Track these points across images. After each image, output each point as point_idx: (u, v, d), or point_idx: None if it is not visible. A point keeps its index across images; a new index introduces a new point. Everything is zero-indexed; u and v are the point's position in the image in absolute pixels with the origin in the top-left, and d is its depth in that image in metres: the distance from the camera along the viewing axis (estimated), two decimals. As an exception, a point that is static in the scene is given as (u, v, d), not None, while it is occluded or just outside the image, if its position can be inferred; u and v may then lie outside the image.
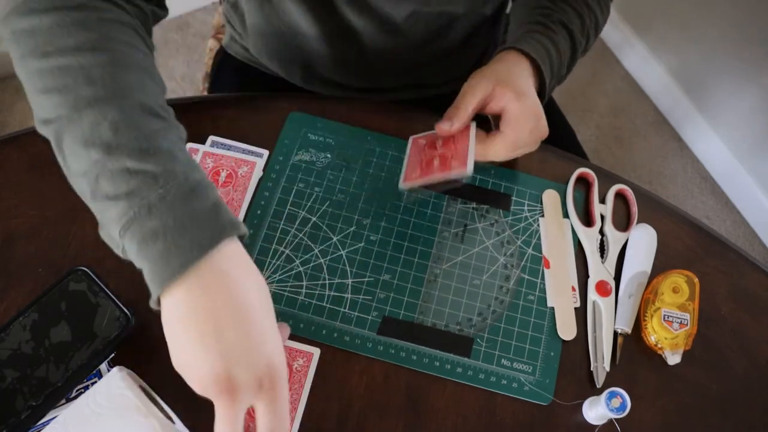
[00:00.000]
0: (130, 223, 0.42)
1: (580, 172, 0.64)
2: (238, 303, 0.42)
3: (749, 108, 1.45)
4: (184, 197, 0.42)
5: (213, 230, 0.42)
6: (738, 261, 0.62)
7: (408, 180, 0.59)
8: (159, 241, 0.41)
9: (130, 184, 0.42)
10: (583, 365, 0.56)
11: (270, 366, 0.42)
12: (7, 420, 0.48)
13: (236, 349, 0.41)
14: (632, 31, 1.72)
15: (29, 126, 0.63)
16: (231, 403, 0.41)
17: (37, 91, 0.46)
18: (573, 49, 0.66)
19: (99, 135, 0.43)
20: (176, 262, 0.41)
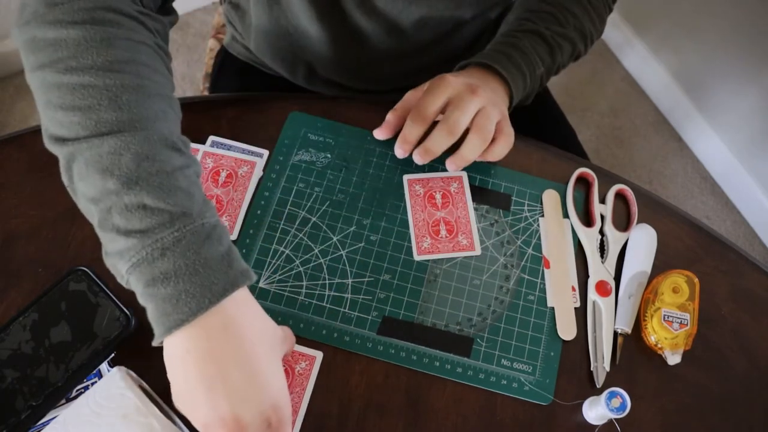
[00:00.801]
0: (141, 263, 0.41)
1: (580, 172, 0.64)
2: (244, 347, 0.42)
3: (749, 108, 1.45)
4: (199, 242, 0.42)
5: (225, 280, 0.42)
6: (738, 261, 0.62)
7: (422, 252, 0.59)
8: (169, 285, 0.41)
9: (145, 222, 0.41)
10: (583, 365, 0.56)
11: (275, 407, 0.43)
12: (7, 420, 0.48)
13: (241, 391, 0.41)
14: (632, 31, 1.72)
15: (29, 126, 0.63)
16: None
17: (54, 106, 0.44)
18: (550, 50, 0.66)
19: (119, 165, 0.42)
20: (186, 309, 0.41)
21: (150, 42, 0.49)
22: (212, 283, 0.41)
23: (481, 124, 0.58)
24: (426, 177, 0.63)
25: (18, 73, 1.55)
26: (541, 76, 0.66)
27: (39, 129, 0.62)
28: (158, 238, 0.41)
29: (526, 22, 0.67)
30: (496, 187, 0.63)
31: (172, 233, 0.41)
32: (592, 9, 0.70)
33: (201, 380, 0.41)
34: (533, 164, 0.65)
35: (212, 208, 0.45)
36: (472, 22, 0.72)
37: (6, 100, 1.53)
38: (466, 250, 0.60)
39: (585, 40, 0.70)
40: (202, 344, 0.41)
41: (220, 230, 0.44)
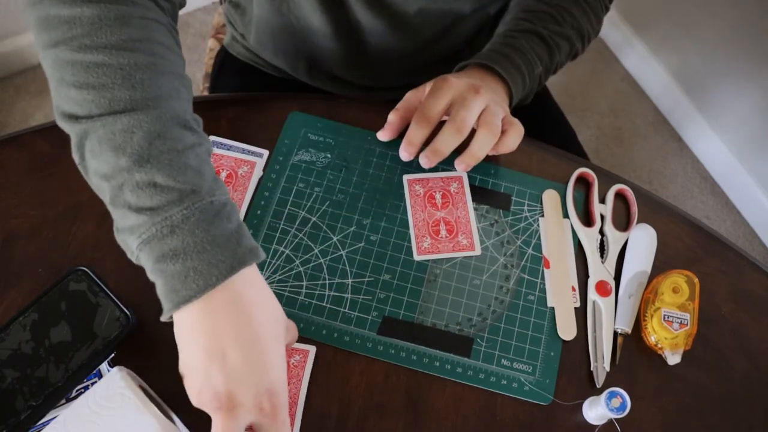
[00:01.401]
0: (151, 239, 0.42)
1: (580, 172, 0.64)
2: (248, 327, 0.43)
3: (749, 108, 1.45)
4: (208, 220, 0.43)
5: (233, 258, 0.43)
6: (738, 261, 0.62)
7: (422, 252, 0.59)
8: (178, 262, 0.42)
9: (155, 200, 0.42)
10: (583, 365, 0.56)
11: (271, 392, 0.43)
12: (7, 420, 0.48)
13: (239, 369, 0.42)
14: (632, 31, 1.72)
15: (29, 126, 0.63)
16: (228, 419, 0.42)
17: (68, 84, 0.44)
18: (549, 50, 0.66)
19: (131, 143, 0.42)
20: (193, 286, 0.42)
21: (163, 21, 0.49)
22: (220, 260, 0.42)
23: (489, 120, 0.58)
24: (426, 177, 0.63)
25: (18, 73, 1.55)
26: (540, 76, 0.66)
27: (39, 129, 0.63)
28: (167, 216, 0.42)
29: (524, 22, 0.67)
30: (496, 187, 0.63)
31: (181, 211, 0.42)
32: (589, 8, 0.70)
33: (202, 353, 0.42)
34: (533, 164, 0.65)
35: (222, 186, 0.45)
36: (471, 17, 0.72)
37: (6, 100, 1.53)
38: (466, 250, 0.60)
39: (582, 39, 0.70)
40: (208, 320, 0.42)
41: (230, 208, 0.45)
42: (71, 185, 0.60)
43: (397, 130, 0.62)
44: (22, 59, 1.54)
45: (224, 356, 0.42)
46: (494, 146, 0.60)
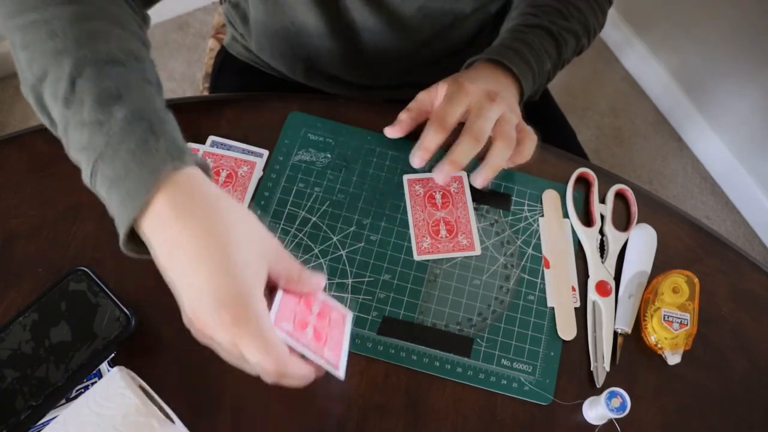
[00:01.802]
0: (94, 177, 0.43)
1: (580, 172, 0.64)
2: (192, 230, 0.40)
3: (749, 108, 1.45)
4: (121, 141, 0.42)
5: (147, 174, 0.41)
6: (738, 261, 0.62)
7: (422, 252, 0.58)
8: (113, 189, 0.42)
9: (85, 136, 0.43)
10: (583, 365, 0.56)
11: (227, 299, 0.39)
12: (7, 420, 0.48)
13: (189, 282, 0.40)
14: (632, 31, 1.72)
15: (29, 126, 0.63)
16: (211, 341, 0.42)
17: (17, 50, 0.46)
18: (557, 45, 0.66)
19: (60, 89, 0.43)
20: (131, 207, 0.41)
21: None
22: (141, 177, 0.41)
23: (504, 131, 0.57)
24: (426, 177, 0.63)
25: (18, 73, 1.56)
26: (549, 72, 0.66)
27: (39, 129, 0.63)
28: (95, 147, 0.42)
29: (532, 17, 0.67)
30: (496, 187, 0.63)
31: (104, 139, 0.42)
32: (594, 2, 0.70)
33: (170, 274, 0.42)
34: (533, 164, 0.65)
35: (149, 106, 0.44)
36: (472, 16, 0.72)
37: (6, 100, 1.53)
38: (466, 250, 0.60)
39: (588, 34, 0.70)
40: (155, 240, 0.41)
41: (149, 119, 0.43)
42: (71, 185, 0.60)
43: (408, 129, 0.62)
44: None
45: (173, 269, 0.41)
46: (511, 158, 0.59)
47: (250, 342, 0.40)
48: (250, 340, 0.40)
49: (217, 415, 0.52)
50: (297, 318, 0.46)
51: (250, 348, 0.40)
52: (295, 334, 0.44)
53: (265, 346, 0.40)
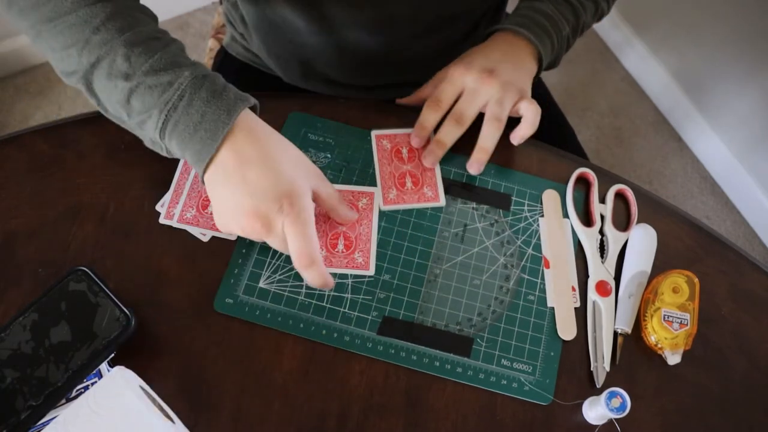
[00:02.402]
0: (165, 127, 0.51)
1: (579, 172, 0.64)
2: (261, 151, 0.51)
3: (749, 108, 1.45)
4: (194, 92, 0.51)
5: (225, 114, 0.51)
6: (738, 261, 0.62)
7: (387, 202, 0.61)
8: (188, 136, 0.51)
9: (153, 97, 0.51)
10: (583, 365, 0.56)
11: (287, 191, 0.50)
12: (7, 420, 0.48)
13: (258, 185, 0.50)
14: (632, 31, 1.72)
15: (29, 126, 0.63)
16: (269, 232, 0.51)
17: (56, 50, 0.52)
18: (574, 11, 0.67)
19: (117, 68, 0.51)
20: (207, 151, 0.50)
21: None
22: (217, 121, 0.50)
23: (494, 113, 0.60)
24: (393, 133, 0.65)
25: (18, 73, 1.56)
26: (568, 37, 0.68)
27: (39, 129, 0.63)
28: (166, 102, 0.51)
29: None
30: (496, 187, 0.63)
31: (175, 94, 0.51)
32: None
33: (228, 192, 0.51)
34: (533, 164, 0.65)
35: (200, 65, 0.53)
36: (466, 12, 0.72)
37: (6, 100, 1.53)
38: (431, 201, 0.61)
39: (609, 5, 0.71)
40: (227, 165, 0.51)
41: (210, 77, 0.52)
42: (71, 185, 0.60)
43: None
44: (22, 59, 1.54)
45: (244, 181, 0.50)
46: (517, 132, 0.62)
47: (295, 228, 0.50)
48: (296, 226, 0.50)
49: (217, 415, 0.52)
50: (396, 177, 0.62)
51: (295, 232, 0.50)
52: (401, 203, 0.61)
53: (305, 234, 0.50)
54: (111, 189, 0.60)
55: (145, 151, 0.63)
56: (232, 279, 0.57)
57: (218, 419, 0.52)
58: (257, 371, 0.54)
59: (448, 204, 0.62)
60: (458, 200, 0.62)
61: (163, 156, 0.55)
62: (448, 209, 0.62)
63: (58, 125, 0.63)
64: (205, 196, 0.60)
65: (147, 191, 0.60)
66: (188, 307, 0.55)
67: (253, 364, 0.54)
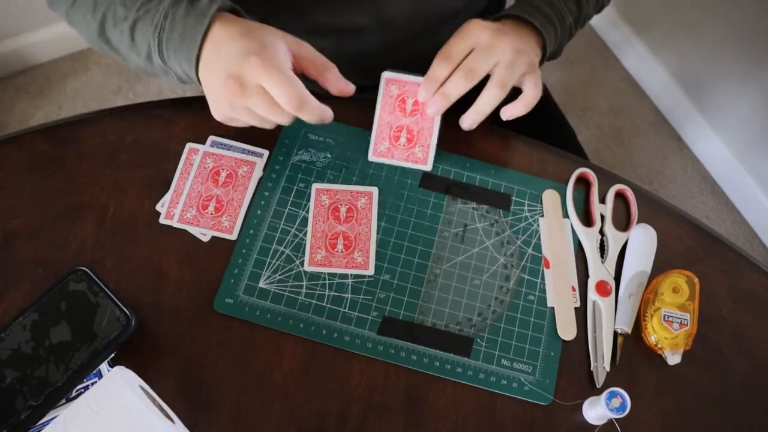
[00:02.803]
0: (161, 49, 0.56)
1: (580, 172, 0.64)
2: (232, 32, 0.54)
3: (749, 108, 1.45)
4: (175, 11, 0.55)
5: (201, 17, 0.54)
6: (738, 261, 0.62)
7: (376, 154, 0.62)
8: (178, 48, 0.55)
9: (146, 26, 0.56)
10: (583, 365, 0.56)
11: (253, 47, 0.52)
12: (7, 420, 0.48)
13: (229, 52, 0.53)
14: (632, 31, 1.72)
15: (29, 126, 0.64)
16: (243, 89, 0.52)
17: (80, 22, 0.61)
18: (577, 1, 0.67)
19: (118, 15, 0.57)
20: (192, 51, 0.54)
21: None
22: (194, 26, 0.54)
23: (501, 75, 0.58)
24: (405, 79, 0.63)
25: (18, 73, 1.56)
26: (570, 27, 0.67)
27: (39, 129, 0.63)
28: (156, 26, 0.56)
29: None
30: (496, 187, 0.63)
31: (161, 15, 0.56)
32: None
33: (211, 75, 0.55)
34: (533, 164, 0.65)
35: None
36: (464, 11, 0.72)
37: (6, 100, 1.53)
38: (418, 162, 0.62)
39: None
40: (211, 57, 0.55)
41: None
42: (71, 185, 0.60)
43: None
44: (22, 59, 1.54)
45: (219, 55, 0.53)
46: (509, 109, 0.61)
47: (272, 78, 0.51)
48: (273, 76, 0.51)
49: (217, 415, 0.52)
50: (393, 130, 0.62)
51: (274, 83, 0.51)
52: (389, 156, 0.61)
53: (286, 79, 0.51)
54: (111, 189, 0.60)
55: (145, 151, 0.63)
56: (232, 279, 0.57)
57: (218, 419, 0.52)
58: (257, 371, 0.54)
59: (448, 204, 0.62)
60: (458, 200, 0.62)
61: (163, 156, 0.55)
62: (448, 209, 0.62)
63: (58, 125, 0.63)
64: (205, 196, 0.60)
65: (147, 191, 0.60)
66: (188, 307, 0.55)
67: (253, 364, 0.54)
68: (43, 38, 1.53)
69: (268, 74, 0.51)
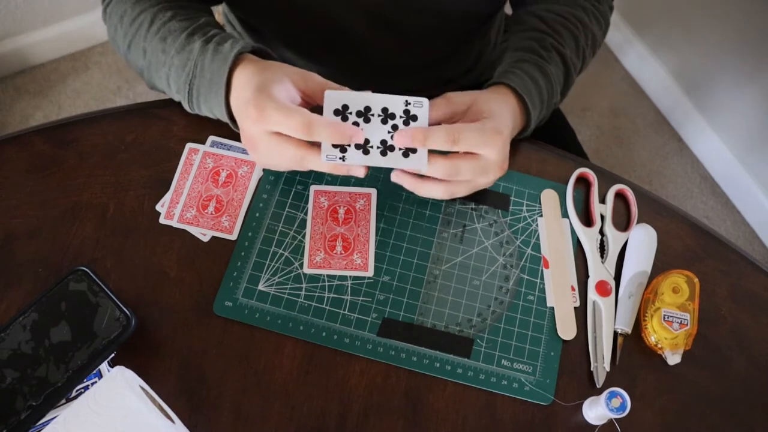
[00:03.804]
0: (190, 96, 0.59)
1: (579, 172, 0.64)
2: (241, 82, 0.55)
3: (749, 108, 1.45)
4: (204, 59, 0.57)
5: (223, 65, 0.56)
6: (738, 261, 0.62)
7: (311, 266, 0.57)
8: (204, 98, 0.58)
9: (180, 73, 0.58)
10: (583, 365, 0.56)
11: (249, 98, 0.52)
12: (7, 420, 0.48)
13: (239, 108, 0.54)
14: (632, 31, 1.72)
15: (29, 126, 0.64)
16: (254, 144, 0.54)
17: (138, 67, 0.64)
18: (566, 74, 0.65)
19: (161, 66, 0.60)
20: (219, 99, 0.56)
21: None
22: (220, 73, 0.56)
23: (473, 180, 0.55)
24: (334, 190, 0.61)
25: (18, 73, 1.56)
26: (554, 105, 0.65)
27: (39, 129, 0.63)
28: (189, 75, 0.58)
29: (547, 37, 0.64)
30: (495, 187, 0.63)
31: (192, 68, 0.58)
32: (601, 18, 0.69)
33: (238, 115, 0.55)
34: (533, 164, 0.65)
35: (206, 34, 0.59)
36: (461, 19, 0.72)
37: (6, 100, 1.53)
38: (359, 269, 0.58)
39: (594, 52, 0.69)
40: (234, 105, 0.56)
41: (211, 45, 0.57)
42: (71, 185, 0.60)
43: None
44: (22, 59, 1.54)
45: (236, 105, 0.55)
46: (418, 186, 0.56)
47: (274, 116, 0.51)
48: (269, 118, 0.51)
49: (217, 415, 0.52)
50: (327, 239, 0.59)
51: (272, 123, 0.51)
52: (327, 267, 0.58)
53: (283, 114, 0.50)
54: (111, 189, 0.60)
55: (145, 151, 0.63)
56: (231, 282, 0.57)
57: (218, 419, 0.52)
58: (257, 371, 0.54)
59: (446, 205, 0.62)
60: (457, 201, 0.62)
61: (163, 156, 0.55)
62: (446, 210, 0.62)
63: (58, 125, 0.63)
64: (205, 196, 0.60)
65: (147, 191, 0.60)
66: (188, 307, 0.55)
67: (254, 364, 0.54)
68: (43, 38, 1.53)
69: (264, 119, 0.51)
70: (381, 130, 0.53)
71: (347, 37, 0.70)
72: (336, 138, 0.50)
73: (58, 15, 1.52)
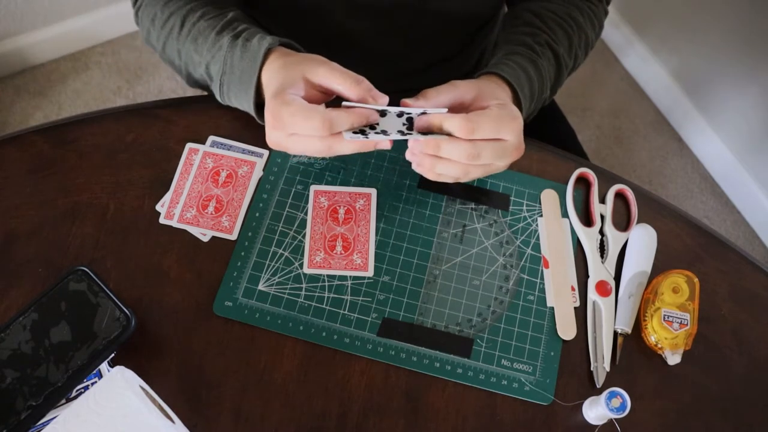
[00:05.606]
0: (222, 90, 0.60)
1: (579, 172, 0.64)
2: (265, 83, 0.56)
3: (749, 108, 1.45)
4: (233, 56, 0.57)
5: (252, 63, 0.56)
6: (738, 261, 0.62)
7: (312, 266, 0.57)
8: (234, 95, 0.59)
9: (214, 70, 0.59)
10: (583, 365, 0.56)
11: (268, 103, 0.53)
12: (7, 420, 0.48)
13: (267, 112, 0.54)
14: (632, 31, 1.72)
15: (29, 126, 0.64)
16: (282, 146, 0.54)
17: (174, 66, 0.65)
18: (558, 72, 0.65)
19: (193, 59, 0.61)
20: (247, 97, 0.58)
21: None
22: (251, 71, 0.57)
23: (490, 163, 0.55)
24: (333, 190, 0.61)
25: (18, 73, 1.55)
26: (544, 100, 0.65)
27: (39, 129, 0.63)
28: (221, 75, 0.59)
29: (541, 33, 0.64)
30: (495, 187, 0.63)
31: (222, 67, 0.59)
32: (595, 19, 0.69)
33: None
34: (533, 164, 0.65)
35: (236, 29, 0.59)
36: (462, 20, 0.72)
37: (6, 100, 1.53)
38: (359, 269, 0.58)
39: (586, 53, 0.69)
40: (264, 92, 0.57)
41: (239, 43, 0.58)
42: (71, 185, 0.60)
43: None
44: (22, 59, 1.54)
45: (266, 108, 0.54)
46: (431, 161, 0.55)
47: (290, 122, 0.51)
48: (289, 120, 0.51)
49: (217, 415, 0.52)
50: (327, 239, 0.59)
51: (294, 124, 0.51)
52: (326, 268, 0.58)
53: (304, 115, 0.51)
54: (111, 189, 0.60)
55: (145, 151, 0.63)
56: (231, 282, 0.57)
57: (218, 419, 0.52)
58: (257, 371, 0.54)
59: (446, 205, 0.62)
60: (457, 201, 0.62)
61: (163, 156, 0.55)
62: (446, 210, 0.62)
63: (58, 125, 0.63)
64: (205, 196, 0.60)
65: (147, 191, 0.60)
66: (188, 307, 0.56)
67: (254, 363, 0.54)
68: (43, 38, 1.53)
69: (281, 126, 0.52)
70: (396, 122, 0.54)
71: (353, 39, 0.70)
72: (358, 122, 0.52)
73: (58, 15, 1.52)
